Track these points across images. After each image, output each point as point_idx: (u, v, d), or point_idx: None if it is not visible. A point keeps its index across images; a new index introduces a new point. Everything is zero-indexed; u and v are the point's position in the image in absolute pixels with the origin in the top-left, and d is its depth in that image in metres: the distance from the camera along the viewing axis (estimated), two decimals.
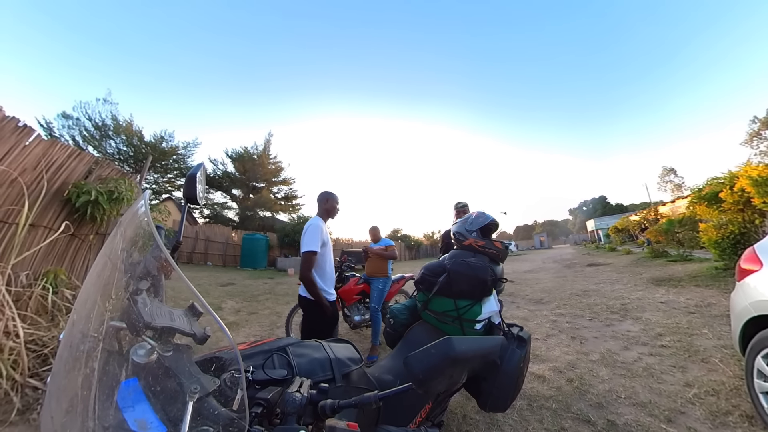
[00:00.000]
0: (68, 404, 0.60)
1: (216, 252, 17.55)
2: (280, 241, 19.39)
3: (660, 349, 3.32)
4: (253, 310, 6.10)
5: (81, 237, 3.69)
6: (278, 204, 30.48)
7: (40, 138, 3.23)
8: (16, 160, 2.98)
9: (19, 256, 2.82)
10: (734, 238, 6.50)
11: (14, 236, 2.85)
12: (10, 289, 2.63)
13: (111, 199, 3.56)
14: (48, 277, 3.06)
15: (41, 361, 2.51)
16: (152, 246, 0.76)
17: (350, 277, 4.30)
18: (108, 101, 23.45)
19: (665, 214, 17.44)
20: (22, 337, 2.39)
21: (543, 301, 6.22)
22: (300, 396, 0.72)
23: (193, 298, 0.75)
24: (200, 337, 0.76)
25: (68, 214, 3.46)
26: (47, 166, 3.24)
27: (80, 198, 3.38)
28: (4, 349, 2.28)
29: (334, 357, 1.01)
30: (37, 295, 2.87)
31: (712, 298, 5.01)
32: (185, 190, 0.87)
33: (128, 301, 0.69)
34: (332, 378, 0.95)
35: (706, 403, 2.27)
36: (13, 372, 2.26)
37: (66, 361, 0.65)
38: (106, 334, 0.66)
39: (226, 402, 0.64)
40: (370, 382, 1.03)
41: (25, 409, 2.17)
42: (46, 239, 3.18)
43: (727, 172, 7.18)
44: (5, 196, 2.91)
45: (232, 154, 29.87)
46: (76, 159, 3.59)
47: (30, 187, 3.02)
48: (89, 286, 0.77)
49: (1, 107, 3.03)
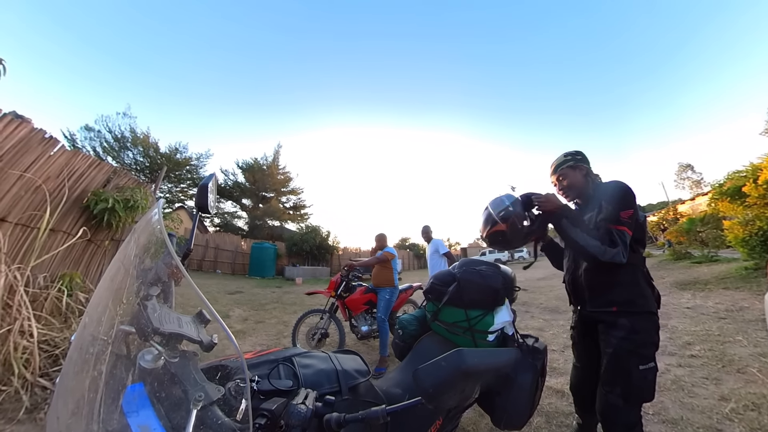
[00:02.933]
0: (74, 406, 0.60)
1: (225, 260, 17.69)
2: (289, 250, 19.46)
3: (689, 359, 3.04)
4: (260, 319, 6.08)
5: (97, 242, 3.78)
6: (287, 213, 30.81)
7: (64, 149, 3.38)
8: (41, 168, 3.12)
9: (38, 259, 2.91)
10: (764, 235, 5.90)
11: (35, 240, 2.96)
12: (28, 290, 2.69)
13: (127, 207, 3.68)
14: (64, 279, 3.13)
15: (52, 362, 2.54)
16: (164, 253, 0.77)
17: (357, 287, 4.22)
18: (127, 115, 24.48)
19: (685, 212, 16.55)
20: (36, 337, 2.44)
21: (559, 310, 5.88)
22: (305, 408, 0.70)
23: (202, 306, 0.74)
24: (207, 344, 0.75)
25: (86, 220, 3.57)
26: (69, 175, 3.38)
27: (98, 205, 3.49)
28: (18, 348, 2.33)
29: (341, 368, 0.98)
30: (52, 297, 2.94)
31: (743, 301, 4.57)
32: (197, 199, 0.88)
33: (138, 306, 0.69)
34: (339, 390, 0.92)
35: (746, 419, 2.06)
36: (24, 370, 2.30)
37: (75, 362, 0.65)
38: (116, 338, 0.67)
39: (230, 411, 0.63)
40: (378, 395, 0.99)
41: (33, 408, 2.18)
42: (65, 243, 3.27)
43: (749, 165, 6.58)
44: (30, 202, 3.03)
45: (243, 165, 30.48)
46: (96, 168, 3.73)
47: (52, 194, 3.14)
48: (102, 290, 0.78)
49: (30, 120, 3.26)
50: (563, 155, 1.77)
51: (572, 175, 1.71)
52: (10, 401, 2.17)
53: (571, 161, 1.72)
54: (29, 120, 3.30)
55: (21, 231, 2.97)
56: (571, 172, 1.71)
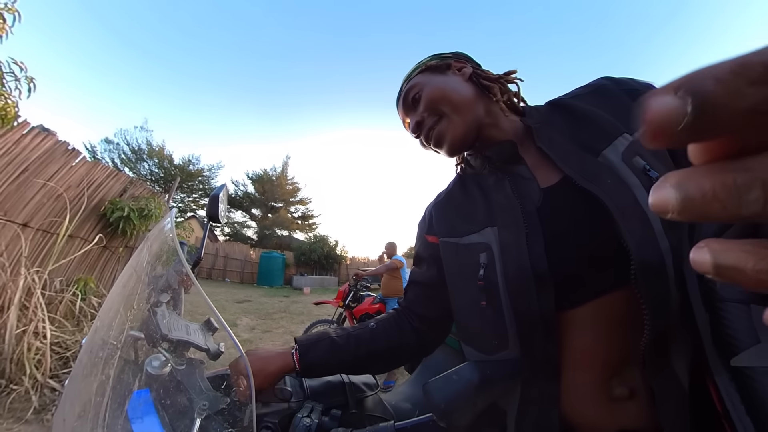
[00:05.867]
0: (81, 409, 0.60)
1: (234, 269, 17.77)
2: (297, 260, 19.46)
3: None
4: (267, 328, 6.05)
5: (112, 249, 3.87)
6: (295, 223, 31.01)
7: (85, 160, 3.54)
8: (63, 178, 3.26)
9: (56, 263, 2.98)
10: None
11: (54, 245, 3.04)
12: (45, 293, 2.75)
13: (141, 215, 3.78)
14: (79, 284, 3.20)
15: (62, 363, 2.57)
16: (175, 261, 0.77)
17: (366, 297, 4.15)
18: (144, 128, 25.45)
19: None
20: (49, 339, 2.48)
21: None
22: (310, 421, 0.68)
23: (210, 313, 0.74)
24: (214, 352, 0.74)
25: (102, 227, 3.68)
26: (89, 184, 3.51)
27: (114, 213, 3.60)
28: (32, 349, 2.36)
29: (348, 381, 0.95)
30: (67, 300, 3.00)
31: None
32: (208, 209, 0.89)
33: (148, 312, 0.69)
34: (346, 403, 0.89)
35: None
36: (36, 371, 2.32)
37: (85, 365, 0.65)
38: (125, 343, 0.66)
39: (234, 422, 0.62)
40: (387, 410, 0.95)
41: (41, 409, 2.19)
42: (81, 249, 3.35)
43: None
44: (51, 209, 3.15)
45: (253, 176, 31.00)
46: (114, 179, 3.87)
47: (72, 202, 3.25)
48: (114, 295, 0.78)
49: (56, 133, 3.54)
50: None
51: (438, 80, 0.67)
52: (19, 401, 2.18)
53: (432, 59, 0.70)
54: (54, 133, 3.58)
55: (42, 236, 3.08)
56: (435, 78, 0.68)
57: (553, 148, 0.56)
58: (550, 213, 0.54)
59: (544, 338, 0.50)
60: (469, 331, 0.64)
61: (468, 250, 0.61)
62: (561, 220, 0.54)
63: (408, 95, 0.69)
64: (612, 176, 0.49)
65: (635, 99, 0.56)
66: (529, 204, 0.55)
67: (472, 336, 0.63)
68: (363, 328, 0.78)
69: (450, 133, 0.64)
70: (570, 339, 0.51)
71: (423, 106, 0.66)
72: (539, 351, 0.51)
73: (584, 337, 0.50)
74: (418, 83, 0.68)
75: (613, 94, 0.59)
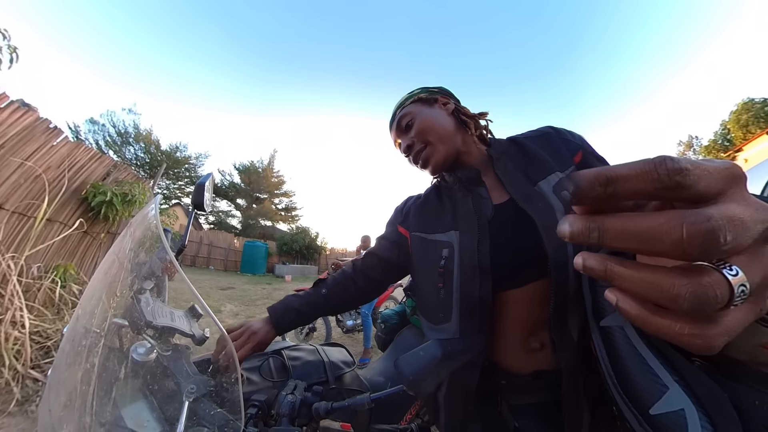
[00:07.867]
0: (67, 398, 0.56)
1: (218, 257, 17.23)
2: (279, 249, 19.18)
3: None
4: (250, 314, 5.95)
5: (93, 235, 3.60)
6: (279, 214, 30.40)
7: (67, 139, 3.21)
8: (43, 158, 2.94)
9: (33, 249, 2.73)
10: None
11: (31, 229, 2.78)
12: (21, 280, 2.52)
13: (125, 201, 3.52)
14: (58, 270, 2.95)
15: (44, 353, 2.37)
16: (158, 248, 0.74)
17: None
18: (132, 111, 23.66)
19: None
20: (28, 328, 2.28)
21: None
22: (294, 398, 0.69)
23: (194, 300, 0.72)
24: (199, 338, 0.72)
25: (83, 212, 3.39)
26: (70, 166, 3.20)
27: (96, 198, 3.33)
28: (9, 339, 2.17)
29: (327, 360, 0.98)
30: (45, 288, 2.76)
31: None
32: (194, 197, 0.86)
33: (132, 299, 0.66)
34: (326, 380, 0.92)
35: None
36: (15, 362, 2.14)
37: (68, 354, 0.62)
38: (109, 331, 0.63)
39: (222, 403, 0.61)
40: (363, 384, 1.00)
41: (24, 401, 2.03)
42: (60, 234, 3.09)
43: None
44: (28, 191, 2.85)
45: (239, 167, 30.03)
46: (97, 161, 3.56)
47: (51, 184, 2.96)
48: (96, 282, 0.74)
49: (37, 109, 3.09)
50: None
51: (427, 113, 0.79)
52: (0, 393, 2.02)
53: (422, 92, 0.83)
54: (36, 109, 3.12)
55: (17, 219, 2.78)
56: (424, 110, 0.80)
57: (506, 175, 0.71)
58: (497, 224, 0.69)
59: (480, 314, 0.64)
60: (425, 305, 0.77)
61: (434, 245, 0.74)
62: (504, 230, 0.68)
63: (402, 121, 0.81)
64: (543, 201, 0.64)
65: (568, 147, 0.73)
66: (483, 218, 0.69)
67: (427, 309, 0.76)
68: (317, 294, 0.91)
69: (434, 158, 0.77)
70: (504, 311, 0.66)
71: (414, 132, 0.78)
72: (475, 323, 0.64)
73: (513, 310, 0.66)
74: (411, 112, 0.80)
75: (553, 140, 0.75)
